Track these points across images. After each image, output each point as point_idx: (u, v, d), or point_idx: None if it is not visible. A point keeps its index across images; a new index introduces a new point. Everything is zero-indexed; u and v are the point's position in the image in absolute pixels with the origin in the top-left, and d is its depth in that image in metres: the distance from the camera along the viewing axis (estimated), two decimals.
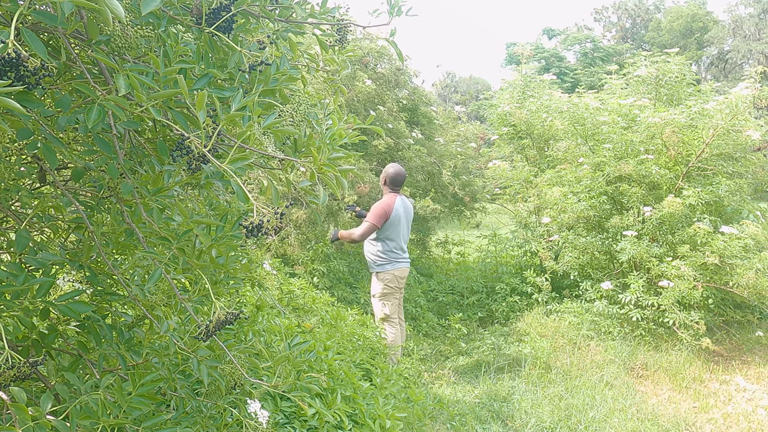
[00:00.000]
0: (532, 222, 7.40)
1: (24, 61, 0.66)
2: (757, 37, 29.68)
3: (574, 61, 35.88)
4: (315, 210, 5.26)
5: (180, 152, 0.78)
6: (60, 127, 0.91)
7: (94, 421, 0.91)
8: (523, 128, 7.51)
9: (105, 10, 0.71)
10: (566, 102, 6.98)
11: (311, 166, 0.93)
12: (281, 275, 4.39)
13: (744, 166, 6.01)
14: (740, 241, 5.19)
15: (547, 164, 7.29)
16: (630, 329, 5.52)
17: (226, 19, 0.88)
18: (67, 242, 1.38)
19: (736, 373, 4.92)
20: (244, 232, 0.75)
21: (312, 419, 2.51)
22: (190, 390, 1.31)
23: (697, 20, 33.58)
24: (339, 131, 1.00)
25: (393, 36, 1.15)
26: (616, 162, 5.94)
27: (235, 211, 1.35)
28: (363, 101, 6.98)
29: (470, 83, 41.73)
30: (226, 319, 0.92)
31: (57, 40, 0.95)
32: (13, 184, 1.12)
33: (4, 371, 0.79)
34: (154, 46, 0.87)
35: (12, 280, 0.90)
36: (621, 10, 41.66)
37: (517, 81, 8.05)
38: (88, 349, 1.14)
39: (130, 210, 1.05)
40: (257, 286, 3.07)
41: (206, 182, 1.06)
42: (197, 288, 1.24)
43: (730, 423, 4.06)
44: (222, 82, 0.98)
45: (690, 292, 5.05)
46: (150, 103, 0.79)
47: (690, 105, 5.96)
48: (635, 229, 5.72)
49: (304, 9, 1.07)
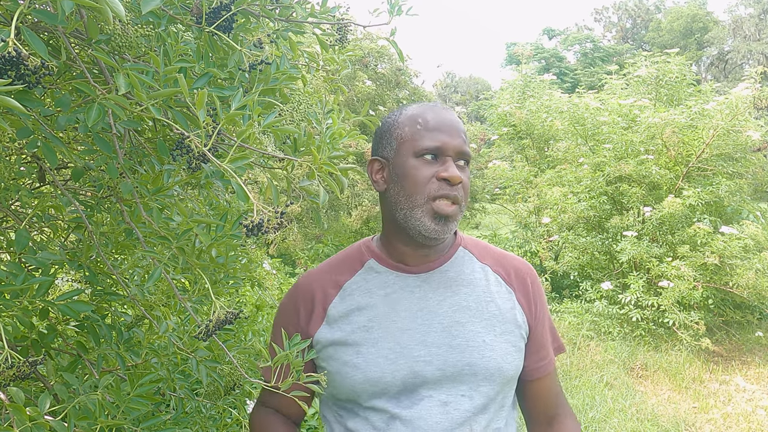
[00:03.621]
0: (532, 222, 7.40)
1: (24, 59, 0.66)
2: (757, 37, 29.70)
3: (574, 61, 35.90)
4: (317, 208, 5.26)
5: (180, 151, 0.78)
6: (60, 127, 0.91)
7: (92, 422, 0.91)
8: (523, 128, 7.51)
9: (105, 9, 0.71)
10: (566, 102, 6.98)
11: (311, 164, 0.93)
12: (281, 275, 4.39)
13: (744, 166, 6.01)
14: (740, 241, 5.19)
15: (547, 164, 7.28)
16: (630, 329, 5.51)
17: (227, 18, 0.88)
18: (67, 242, 1.38)
19: (735, 373, 4.92)
20: (244, 231, 0.75)
21: (312, 419, 2.50)
22: (190, 390, 1.31)
23: (697, 20, 33.60)
24: (339, 130, 1.00)
25: (393, 35, 1.15)
26: (616, 162, 5.94)
27: (234, 211, 1.35)
28: (363, 101, 6.98)
29: (470, 83, 41.76)
30: (226, 319, 0.91)
31: (57, 39, 0.95)
32: (12, 183, 1.12)
33: (4, 371, 0.79)
34: (154, 45, 0.87)
35: (11, 279, 0.90)
36: (621, 11, 41.68)
37: (517, 81, 8.05)
38: (87, 349, 1.14)
39: (129, 209, 1.05)
40: (257, 286, 3.07)
41: (206, 182, 1.06)
42: (197, 288, 1.24)
43: (730, 423, 4.06)
44: (222, 81, 0.98)
45: (690, 292, 5.05)
46: (150, 102, 0.79)
47: (690, 105, 5.96)
48: (635, 229, 5.72)
49: (305, 8, 1.06)
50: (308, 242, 6.05)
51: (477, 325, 1.07)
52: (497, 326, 1.09)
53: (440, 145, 1.04)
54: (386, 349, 1.05)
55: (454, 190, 1.04)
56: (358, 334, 1.07)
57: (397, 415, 1.03)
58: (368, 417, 1.06)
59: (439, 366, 1.04)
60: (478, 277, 1.13)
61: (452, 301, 1.09)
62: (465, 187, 1.06)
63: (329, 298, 1.12)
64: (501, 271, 1.15)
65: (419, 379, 1.04)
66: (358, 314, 1.09)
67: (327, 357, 1.09)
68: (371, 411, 1.06)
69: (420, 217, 1.04)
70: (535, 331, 1.15)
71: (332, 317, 1.10)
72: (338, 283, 1.13)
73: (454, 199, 1.04)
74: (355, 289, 1.11)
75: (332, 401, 1.13)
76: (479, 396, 1.05)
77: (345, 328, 1.08)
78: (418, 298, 1.09)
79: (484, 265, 1.15)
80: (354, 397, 1.07)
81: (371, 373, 1.04)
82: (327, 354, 1.09)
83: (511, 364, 1.08)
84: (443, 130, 1.05)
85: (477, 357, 1.05)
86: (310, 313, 1.12)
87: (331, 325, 1.10)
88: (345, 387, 1.07)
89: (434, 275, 1.11)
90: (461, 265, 1.14)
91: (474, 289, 1.11)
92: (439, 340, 1.05)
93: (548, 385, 1.17)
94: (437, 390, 1.04)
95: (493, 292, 1.12)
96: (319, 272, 1.18)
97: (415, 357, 1.04)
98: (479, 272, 1.14)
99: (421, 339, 1.05)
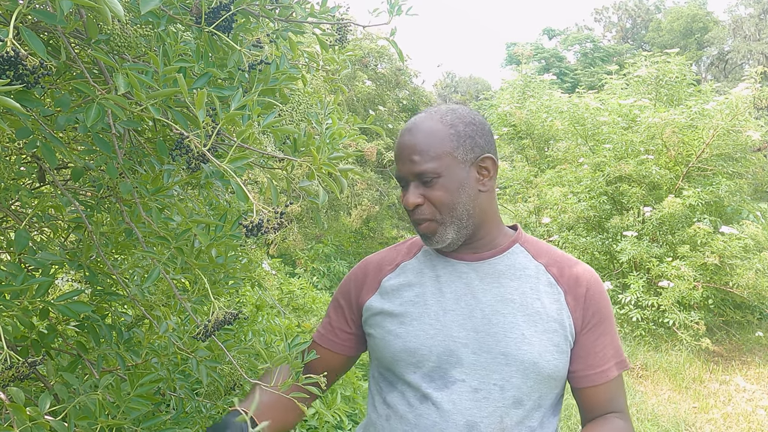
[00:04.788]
0: (532, 222, 7.40)
1: (23, 59, 0.66)
2: (757, 37, 29.70)
3: (574, 61, 35.90)
4: (316, 208, 5.25)
5: (179, 151, 0.78)
6: (59, 127, 0.91)
7: (92, 422, 0.91)
8: (523, 128, 7.51)
9: (105, 9, 0.71)
10: (566, 102, 6.99)
11: (311, 165, 0.93)
12: (281, 275, 4.39)
13: (744, 166, 6.01)
14: (740, 241, 5.19)
15: (547, 164, 7.29)
16: (630, 329, 5.51)
17: (226, 18, 0.88)
18: (67, 242, 1.38)
19: (735, 373, 4.92)
20: (244, 231, 0.75)
21: (312, 419, 2.51)
22: (190, 390, 1.31)
23: (697, 21, 33.60)
24: (339, 131, 1.00)
25: (393, 35, 1.15)
26: (616, 162, 5.94)
27: (234, 211, 1.35)
28: (363, 101, 6.98)
29: (470, 83, 41.76)
30: (226, 319, 0.91)
31: (56, 39, 0.95)
32: (12, 183, 1.12)
33: (3, 371, 0.79)
34: (153, 45, 0.87)
35: (11, 279, 0.90)
36: (621, 11, 41.67)
37: (517, 81, 8.05)
38: (87, 349, 1.14)
39: (129, 209, 1.05)
40: (257, 286, 3.07)
41: (206, 182, 1.06)
42: (196, 288, 1.24)
43: (730, 423, 4.06)
44: (221, 81, 0.98)
45: (690, 292, 5.05)
46: (149, 102, 0.79)
47: (690, 105, 5.96)
48: (635, 229, 5.72)
49: (304, 8, 1.06)
50: (308, 242, 6.05)
51: (518, 318, 1.10)
52: (539, 323, 1.10)
53: (399, 174, 1.13)
54: (427, 324, 1.12)
55: (417, 214, 1.11)
56: (405, 307, 1.15)
57: (429, 396, 1.08)
58: (404, 392, 1.12)
59: (474, 350, 1.08)
60: (530, 274, 1.15)
61: (497, 291, 1.13)
62: (435, 202, 1.09)
63: (385, 272, 1.23)
64: (555, 271, 1.16)
65: (454, 359, 1.09)
66: (408, 290, 1.17)
67: (375, 324, 1.19)
68: (407, 387, 1.12)
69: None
70: (585, 338, 1.13)
71: (385, 289, 1.20)
72: (396, 261, 1.24)
73: (421, 221, 1.11)
74: (409, 269, 1.21)
75: (377, 371, 1.21)
76: (511, 388, 1.07)
77: (395, 300, 1.17)
78: (465, 283, 1.15)
79: (538, 263, 1.17)
80: (393, 366, 1.14)
81: (410, 343, 1.11)
82: (375, 321, 1.19)
83: (549, 362, 1.08)
84: (400, 158, 1.12)
85: (513, 348, 1.07)
86: (362, 284, 1.24)
87: (382, 296, 1.19)
88: (387, 354, 1.14)
89: (484, 265, 1.16)
90: (513, 260, 1.17)
91: (522, 284, 1.14)
92: (478, 326, 1.10)
93: (600, 396, 1.14)
94: (470, 375, 1.08)
95: (540, 290, 1.13)
96: (381, 252, 1.30)
97: (453, 337, 1.10)
98: (531, 269, 1.16)
99: (462, 322, 1.11)
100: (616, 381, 1.15)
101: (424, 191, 1.09)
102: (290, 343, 1.07)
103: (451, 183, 1.09)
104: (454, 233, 1.11)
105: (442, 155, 1.08)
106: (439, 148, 1.08)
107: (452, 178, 1.09)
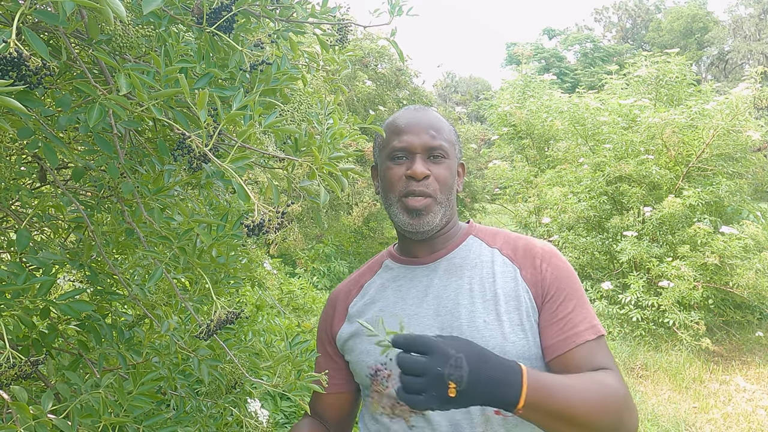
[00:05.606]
0: (532, 222, 7.40)
1: (25, 60, 0.66)
2: (757, 37, 29.70)
3: (574, 61, 35.90)
4: (317, 208, 5.26)
5: (181, 151, 0.78)
6: (61, 127, 0.91)
7: (95, 420, 0.91)
8: (523, 128, 7.52)
9: (106, 10, 0.71)
10: (566, 102, 6.99)
11: (312, 164, 0.93)
12: (281, 275, 4.40)
13: (744, 166, 6.01)
14: (740, 241, 5.19)
15: (547, 164, 7.29)
16: (630, 329, 5.52)
17: (227, 18, 0.88)
18: (68, 242, 1.38)
19: (735, 373, 4.92)
20: (245, 231, 0.75)
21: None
22: (191, 389, 1.31)
23: (697, 20, 33.59)
24: (340, 130, 1.00)
25: (393, 36, 1.15)
26: (617, 162, 5.94)
27: (235, 211, 1.35)
28: (363, 101, 6.98)
29: (470, 83, 41.75)
30: (227, 319, 0.92)
31: (58, 40, 0.95)
32: (13, 183, 1.12)
33: (5, 370, 0.79)
34: (155, 46, 0.87)
35: (12, 279, 0.90)
36: (621, 11, 41.67)
37: (518, 81, 8.06)
38: (89, 348, 1.14)
39: (130, 209, 1.05)
40: (257, 286, 3.07)
41: (207, 182, 1.06)
42: (197, 287, 1.24)
43: (730, 423, 4.06)
44: (223, 82, 0.98)
45: (690, 292, 5.05)
46: (151, 102, 0.79)
47: (690, 105, 5.96)
48: (635, 229, 5.73)
49: (305, 9, 1.07)
50: (309, 242, 6.05)
51: (478, 305, 1.10)
52: (499, 305, 1.10)
53: (406, 145, 1.12)
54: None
55: (420, 186, 1.11)
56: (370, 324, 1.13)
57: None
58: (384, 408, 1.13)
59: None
60: (485, 260, 1.16)
61: (457, 284, 1.14)
62: (440, 179, 1.12)
63: (351, 297, 1.25)
64: (509, 252, 1.17)
65: None
66: (372, 307, 1.19)
67: (348, 349, 1.20)
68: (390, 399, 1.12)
69: (397, 213, 1.14)
70: (547, 306, 1.11)
71: (352, 314, 1.21)
72: (360, 283, 1.26)
73: (422, 194, 1.11)
74: (372, 286, 1.23)
75: (362, 392, 1.23)
76: None
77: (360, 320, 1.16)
78: (425, 285, 1.16)
79: (492, 248, 1.19)
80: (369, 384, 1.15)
81: (381, 357, 1.10)
82: (348, 347, 1.20)
83: (515, 343, 1.07)
84: (410, 130, 1.13)
85: (477, 336, 1.07)
86: (332, 318, 1.26)
87: (350, 322, 1.21)
88: (362, 373, 1.15)
89: (441, 263, 1.18)
90: (468, 251, 1.19)
91: (479, 272, 1.15)
92: (444, 322, 1.10)
93: (574, 361, 1.06)
94: None
95: (496, 273, 1.14)
96: (347, 280, 1.31)
97: None
98: (487, 255, 1.17)
99: (429, 323, 1.11)
100: (592, 345, 1.08)
101: (429, 167, 1.12)
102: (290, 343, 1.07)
103: (451, 168, 1.16)
104: (439, 218, 1.14)
105: (451, 141, 1.17)
106: (448, 134, 1.17)
107: (452, 165, 1.16)
